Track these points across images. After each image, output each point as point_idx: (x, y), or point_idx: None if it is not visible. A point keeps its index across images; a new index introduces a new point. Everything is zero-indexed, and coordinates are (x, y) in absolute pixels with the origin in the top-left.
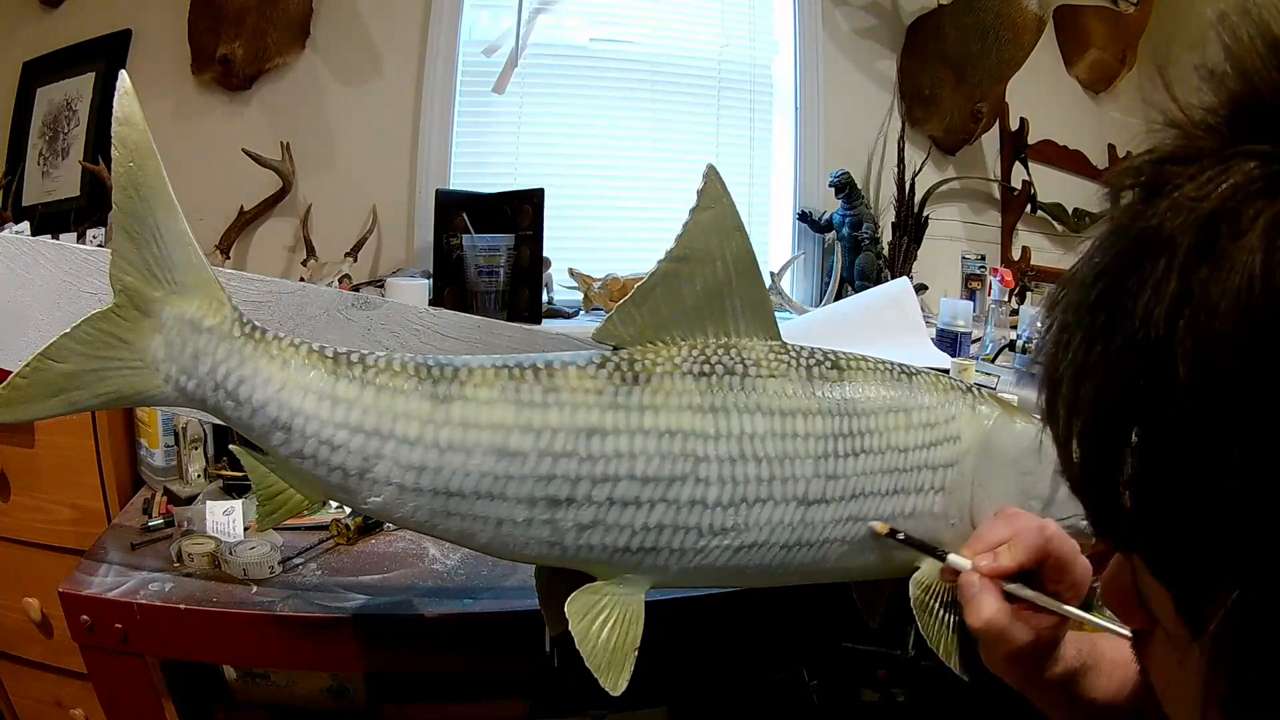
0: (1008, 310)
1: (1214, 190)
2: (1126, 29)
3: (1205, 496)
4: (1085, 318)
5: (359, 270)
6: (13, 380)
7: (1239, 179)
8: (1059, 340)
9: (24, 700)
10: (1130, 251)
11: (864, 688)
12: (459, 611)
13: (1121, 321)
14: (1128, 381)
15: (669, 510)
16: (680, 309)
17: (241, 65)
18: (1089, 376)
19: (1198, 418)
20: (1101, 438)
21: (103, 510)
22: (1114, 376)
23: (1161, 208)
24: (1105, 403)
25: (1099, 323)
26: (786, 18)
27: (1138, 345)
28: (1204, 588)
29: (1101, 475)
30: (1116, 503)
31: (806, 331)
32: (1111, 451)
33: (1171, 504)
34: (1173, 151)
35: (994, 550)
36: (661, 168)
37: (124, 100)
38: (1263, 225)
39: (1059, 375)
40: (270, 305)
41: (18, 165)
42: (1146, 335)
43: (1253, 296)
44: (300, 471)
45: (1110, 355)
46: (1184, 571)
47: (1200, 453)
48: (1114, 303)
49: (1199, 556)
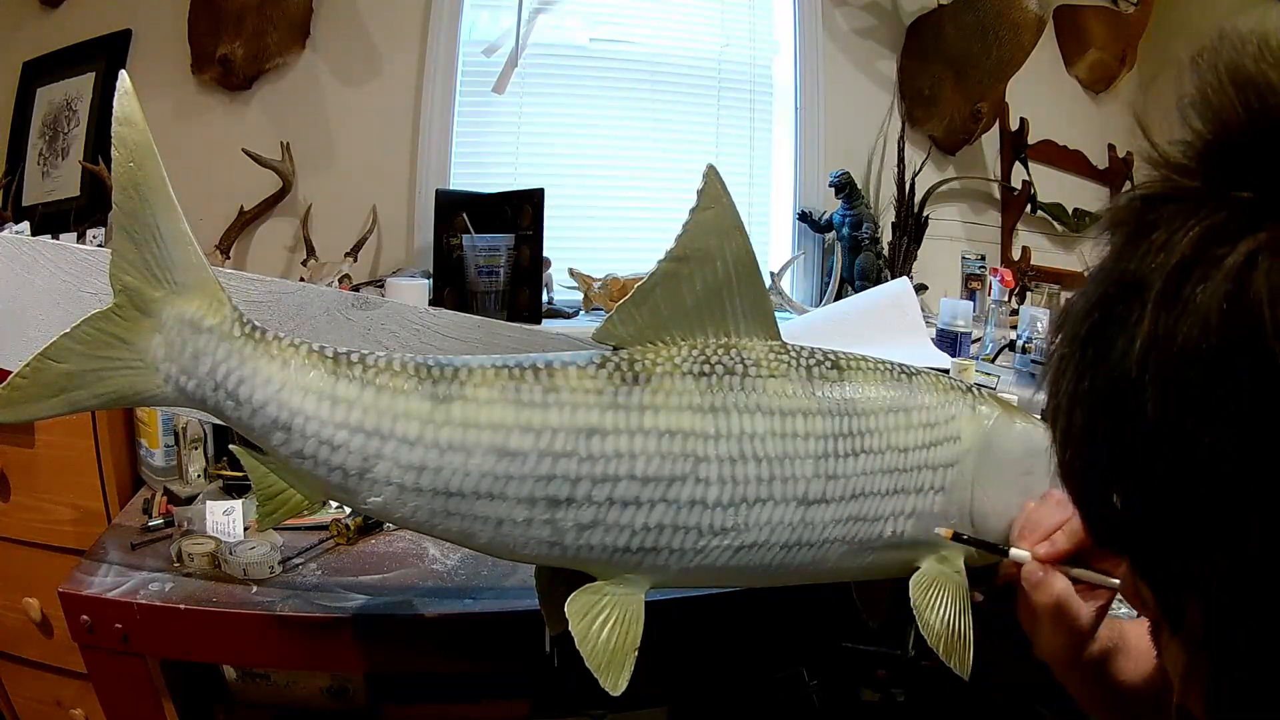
0: (1008, 310)
1: (1184, 238)
2: (1126, 29)
3: (1175, 515)
4: (1077, 351)
5: (359, 270)
6: (13, 380)
7: (1206, 226)
8: (1058, 369)
9: (24, 700)
10: (1113, 293)
11: (864, 688)
12: (459, 611)
13: (1105, 356)
14: (1110, 413)
15: (669, 510)
16: (680, 309)
17: (241, 65)
18: (1079, 405)
19: (1164, 446)
20: (1091, 461)
21: (103, 510)
22: (1099, 408)
23: (1140, 251)
24: (1092, 431)
25: (1088, 357)
26: (786, 18)
27: (1115, 381)
28: (1180, 590)
29: (1093, 492)
30: (1107, 515)
31: (806, 331)
32: (1099, 473)
33: (1148, 519)
34: (1154, 192)
35: (1050, 537)
36: (661, 168)
37: (124, 100)
38: (1223, 273)
39: (1058, 402)
40: (270, 305)
41: (18, 165)
42: (1123, 372)
43: (1210, 339)
44: (300, 471)
45: (1096, 389)
46: (1162, 577)
47: (1169, 478)
48: (1098, 340)
49: (1173, 563)
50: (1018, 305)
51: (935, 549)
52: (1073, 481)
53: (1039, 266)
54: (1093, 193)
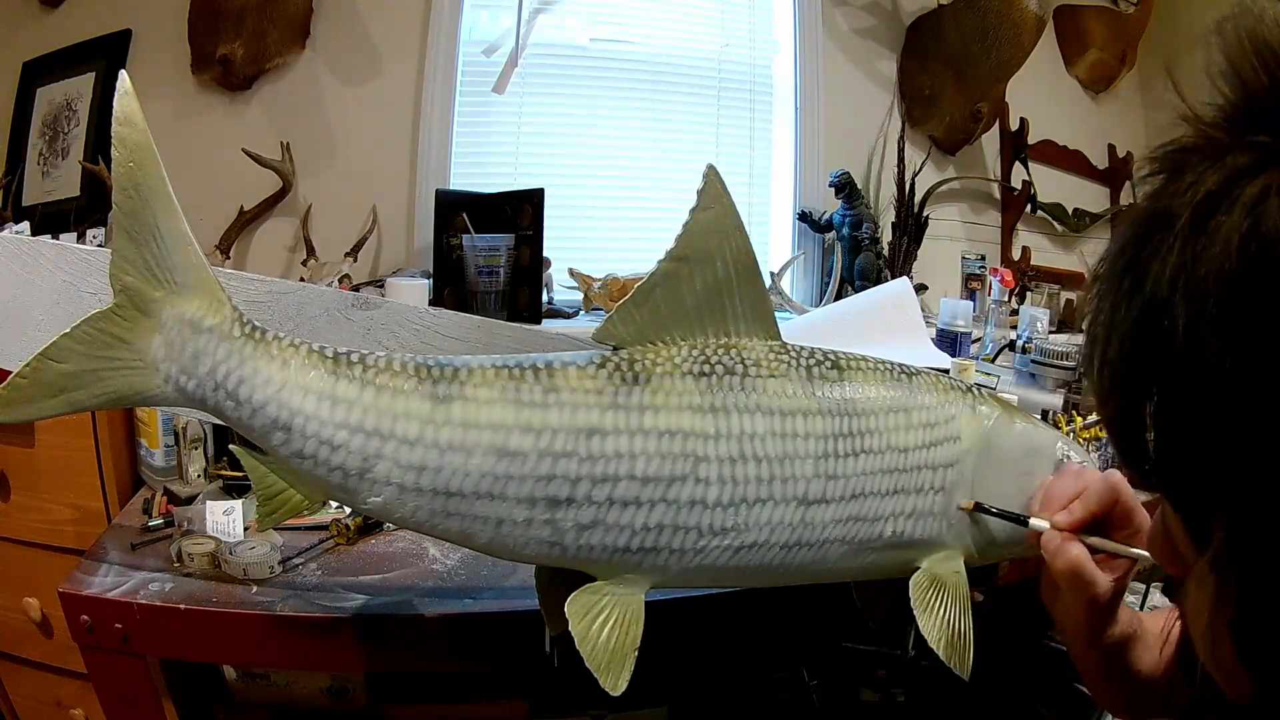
0: (1008, 310)
1: (1210, 177)
2: (1126, 29)
3: (1206, 434)
4: (1114, 282)
5: (359, 270)
6: (13, 380)
7: (1230, 167)
8: (1098, 303)
9: (24, 700)
10: (1146, 227)
11: (864, 688)
12: (459, 611)
13: (1140, 285)
14: (1144, 335)
15: (669, 510)
16: (680, 309)
17: (241, 65)
18: (1116, 332)
19: (1194, 367)
20: (1127, 385)
21: (103, 510)
22: (1134, 333)
23: (1170, 191)
24: (1129, 355)
25: (1124, 287)
26: (786, 18)
27: (1149, 305)
28: (1208, 509)
29: (1129, 418)
30: (1142, 441)
31: (806, 331)
32: (1136, 397)
33: (1181, 440)
34: (1186, 144)
35: (1067, 506)
36: (661, 168)
37: (124, 100)
38: (1245, 202)
39: (1096, 332)
40: (270, 305)
41: (18, 165)
42: (1155, 297)
43: (1231, 263)
44: (300, 471)
45: (1131, 314)
46: (1193, 499)
47: (1199, 397)
48: (1134, 269)
49: (1204, 485)
50: (1018, 305)
51: (935, 549)
52: (1110, 404)
53: (1039, 266)
54: (1093, 193)
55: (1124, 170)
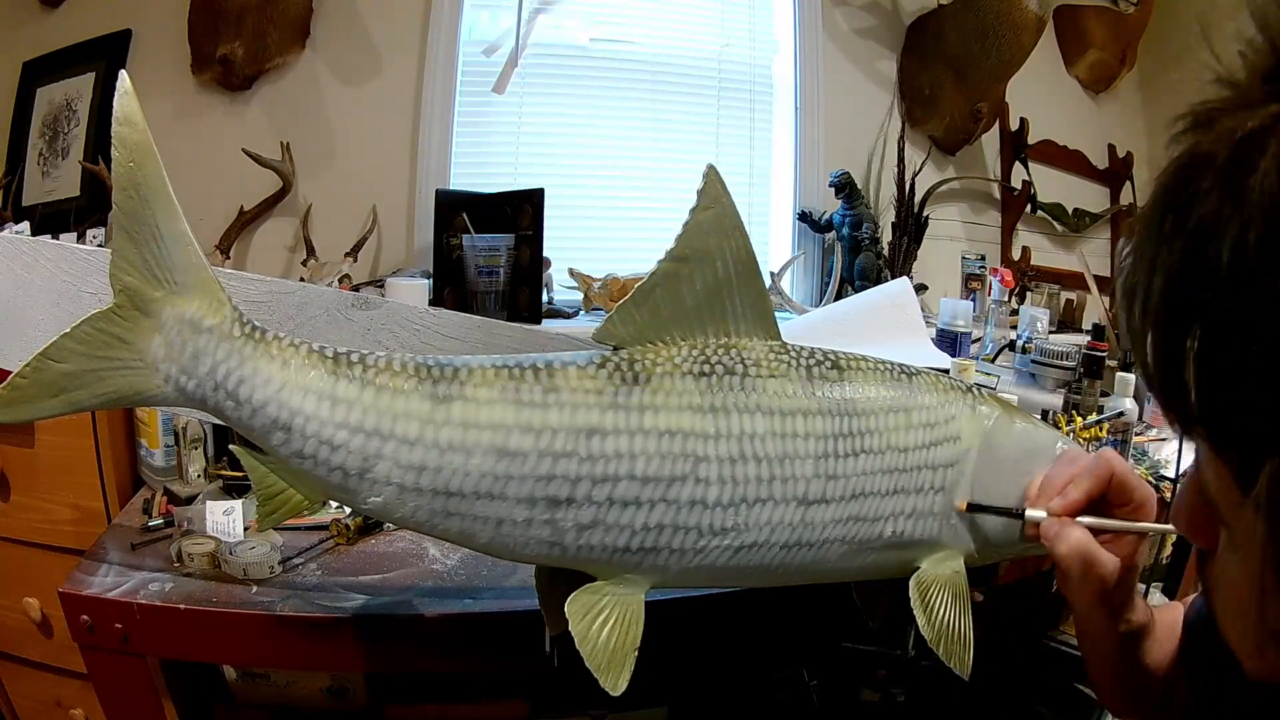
0: (1008, 310)
1: (1249, 121)
2: (1126, 29)
3: (1251, 367)
4: (1153, 227)
5: (359, 270)
6: (13, 380)
7: (1269, 114)
8: (1137, 250)
9: (24, 700)
10: (1185, 171)
11: (864, 688)
12: (459, 611)
13: (1181, 224)
14: (1187, 273)
15: (669, 510)
16: (680, 309)
17: (241, 65)
18: (1158, 272)
19: (1239, 299)
20: (1170, 324)
21: (103, 510)
22: (1177, 270)
23: (1209, 138)
24: (1171, 292)
25: (1165, 228)
26: (786, 18)
27: (1191, 243)
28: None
29: (1171, 359)
30: (1183, 383)
31: (806, 331)
32: (1179, 336)
33: (1226, 372)
34: (1221, 101)
35: (1061, 491)
36: (661, 168)
37: (124, 100)
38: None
39: (1135, 280)
40: (270, 305)
41: (18, 165)
42: (1199, 231)
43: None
44: (300, 471)
45: (1174, 253)
46: (1239, 437)
47: (1244, 329)
48: (1175, 208)
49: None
50: (1018, 305)
51: (935, 549)
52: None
53: (1039, 266)
54: (1093, 193)
55: (1124, 170)
